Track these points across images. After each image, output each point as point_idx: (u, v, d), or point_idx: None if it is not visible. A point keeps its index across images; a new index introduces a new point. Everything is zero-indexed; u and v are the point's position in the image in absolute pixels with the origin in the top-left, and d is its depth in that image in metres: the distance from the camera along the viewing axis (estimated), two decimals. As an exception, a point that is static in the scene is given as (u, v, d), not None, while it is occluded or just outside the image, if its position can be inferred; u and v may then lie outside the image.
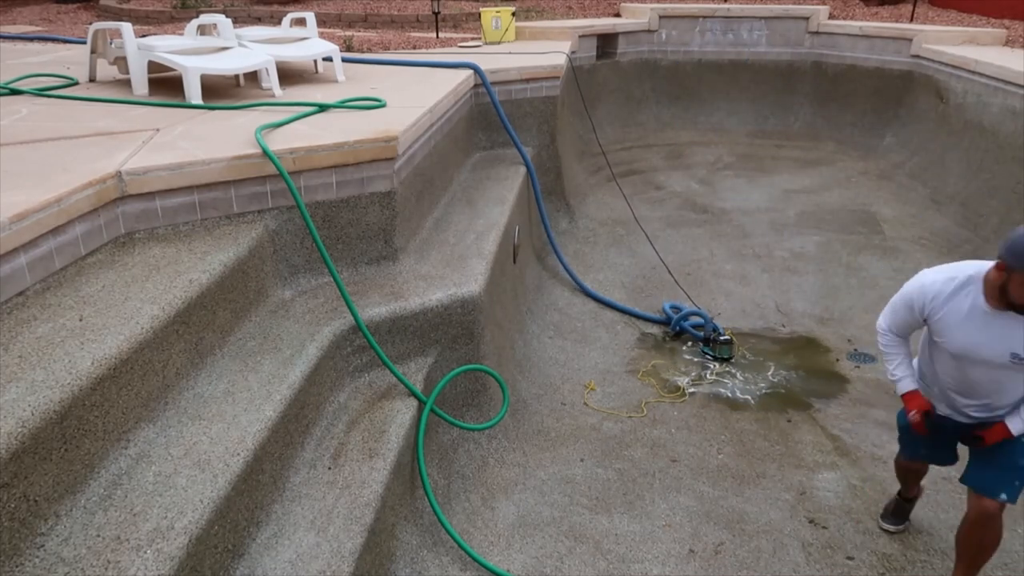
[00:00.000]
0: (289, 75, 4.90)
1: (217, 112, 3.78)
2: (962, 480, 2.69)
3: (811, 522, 3.18)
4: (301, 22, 5.25)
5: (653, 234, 6.07)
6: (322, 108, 3.77)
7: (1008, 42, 7.87)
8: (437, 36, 7.96)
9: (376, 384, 3.10)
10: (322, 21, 9.09)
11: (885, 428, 3.88)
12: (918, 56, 7.61)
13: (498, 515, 3.11)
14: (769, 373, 4.49)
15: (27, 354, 1.96)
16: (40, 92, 4.04)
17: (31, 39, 6.84)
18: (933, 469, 3.55)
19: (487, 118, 5.42)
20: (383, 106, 3.92)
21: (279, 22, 5.39)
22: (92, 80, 4.50)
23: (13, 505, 1.70)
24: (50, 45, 6.42)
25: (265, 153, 2.95)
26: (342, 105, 3.87)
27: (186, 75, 3.91)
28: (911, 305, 2.55)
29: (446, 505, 3.05)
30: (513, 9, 7.57)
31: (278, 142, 3.13)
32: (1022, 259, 2.20)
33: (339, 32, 8.40)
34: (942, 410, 2.73)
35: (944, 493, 3.38)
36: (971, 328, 2.43)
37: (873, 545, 3.05)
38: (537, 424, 3.77)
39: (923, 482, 3.15)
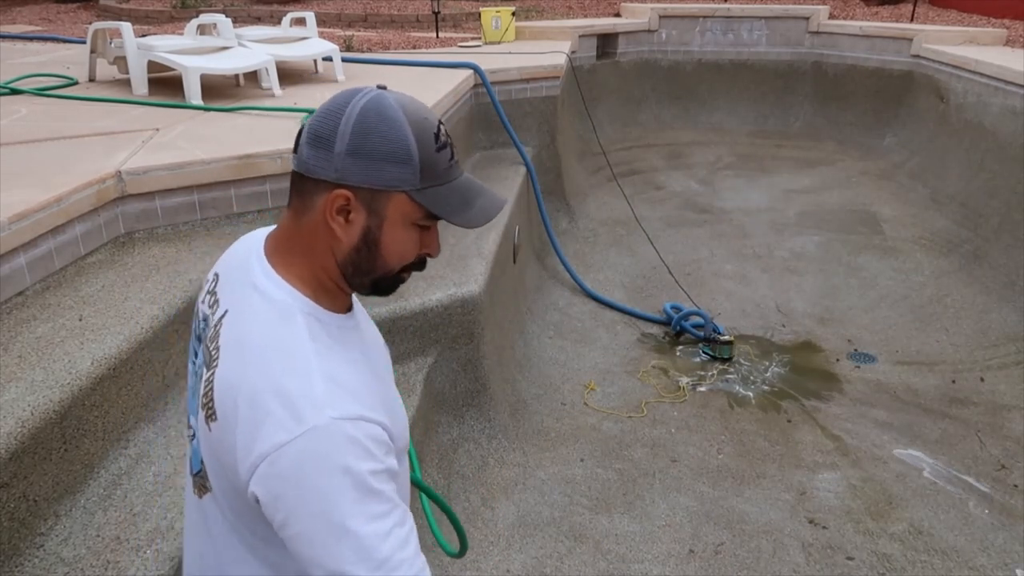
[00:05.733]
0: (289, 75, 4.90)
1: (217, 111, 3.78)
2: None
3: (811, 522, 3.18)
4: (301, 22, 5.25)
5: (653, 234, 6.06)
6: (311, 114, 3.69)
7: (1008, 42, 7.87)
8: (437, 36, 7.95)
9: (376, 384, 3.09)
10: (322, 21, 9.08)
11: (885, 428, 3.88)
12: (918, 56, 7.61)
13: (498, 515, 3.11)
14: (769, 373, 4.49)
15: (27, 354, 1.96)
16: (40, 92, 4.04)
17: (31, 39, 6.83)
18: (931, 468, 3.56)
19: (487, 118, 5.41)
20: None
21: (279, 22, 5.39)
22: (92, 80, 4.50)
23: (13, 505, 1.70)
24: (50, 45, 6.42)
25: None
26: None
27: (186, 75, 3.91)
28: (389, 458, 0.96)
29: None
30: (513, 9, 7.57)
31: (274, 142, 3.13)
32: (404, 160, 0.94)
33: (339, 32, 8.39)
34: None
35: (944, 494, 3.38)
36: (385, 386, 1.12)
37: (873, 545, 3.05)
38: (537, 424, 3.77)
39: (923, 482, 3.13)
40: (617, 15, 9.63)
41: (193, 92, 3.90)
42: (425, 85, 4.69)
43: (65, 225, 2.40)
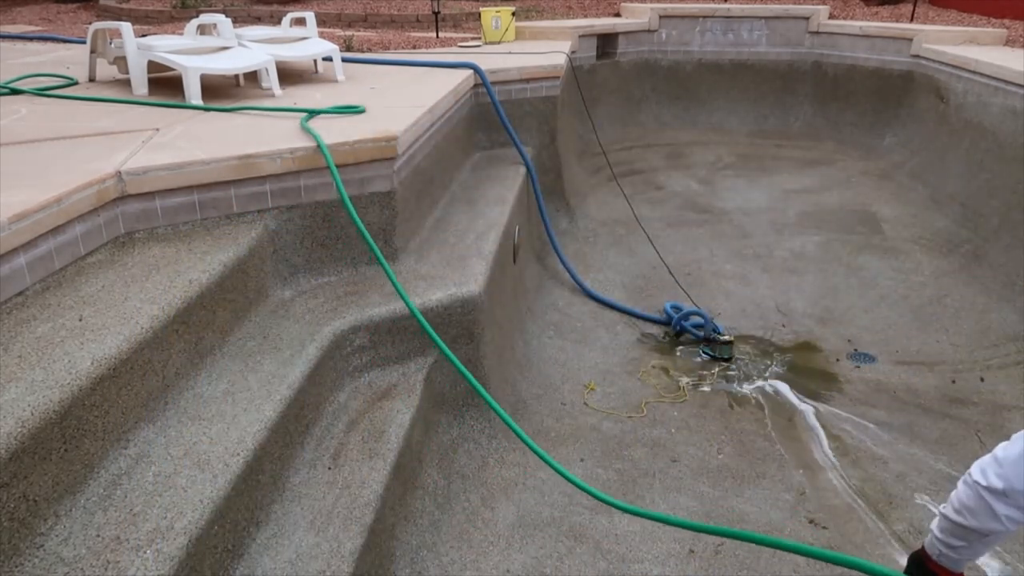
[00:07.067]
0: (289, 75, 4.90)
1: (217, 111, 3.78)
2: None
3: (811, 522, 3.18)
4: (301, 22, 5.25)
5: (653, 234, 6.07)
6: (311, 114, 3.68)
7: (1008, 42, 7.87)
8: (437, 36, 7.95)
9: (376, 384, 3.10)
10: (322, 21, 9.08)
11: (885, 428, 3.89)
12: (918, 56, 7.61)
13: (498, 515, 3.11)
14: (769, 373, 4.49)
15: (27, 354, 1.96)
16: (40, 92, 4.04)
17: (31, 39, 6.84)
18: (931, 468, 3.56)
19: (487, 118, 5.42)
20: (362, 111, 3.82)
21: (279, 22, 5.39)
22: (92, 80, 4.50)
23: (13, 505, 1.70)
24: (50, 45, 6.42)
25: (319, 146, 3.08)
26: (335, 111, 3.77)
27: (186, 75, 3.91)
28: None
29: (445, 505, 3.05)
30: (513, 9, 7.57)
31: (274, 142, 3.13)
32: None
33: (339, 32, 8.39)
34: None
35: (945, 494, 3.38)
36: None
37: (873, 545, 3.05)
38: (537, 424, 3.77)
39: (923, 482, 3.13)
40: (617, 15, 9.63)
41: (193, 92, 3.90)
42: (425, 85, 4.69)
43: (65, 225, 2.40)
